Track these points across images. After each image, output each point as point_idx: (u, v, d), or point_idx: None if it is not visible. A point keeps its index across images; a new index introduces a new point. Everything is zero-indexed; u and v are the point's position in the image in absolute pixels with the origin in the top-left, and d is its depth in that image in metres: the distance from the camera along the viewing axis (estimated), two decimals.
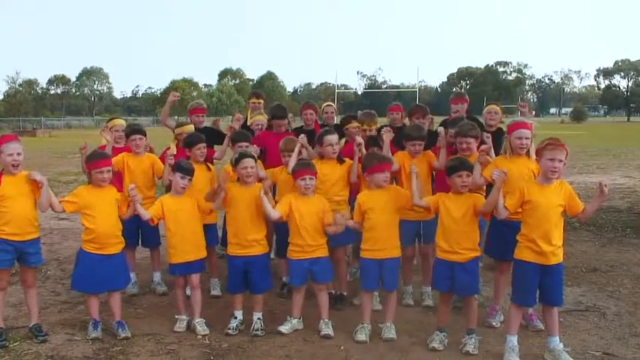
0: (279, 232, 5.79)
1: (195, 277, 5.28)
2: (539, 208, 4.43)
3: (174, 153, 5.98)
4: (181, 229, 5.19)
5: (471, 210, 4.73)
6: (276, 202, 5.23)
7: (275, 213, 5.04)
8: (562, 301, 4.71)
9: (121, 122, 6.74)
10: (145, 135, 6.21)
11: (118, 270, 5.11)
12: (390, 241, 4.98)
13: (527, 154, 5.02)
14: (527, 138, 5.00)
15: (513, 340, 4.56)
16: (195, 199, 5.27)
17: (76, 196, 5.03)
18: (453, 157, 5.11)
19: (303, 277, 5.19)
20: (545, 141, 4.49)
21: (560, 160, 4.40)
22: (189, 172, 5.22)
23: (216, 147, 6.64)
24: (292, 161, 5.47)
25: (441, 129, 5.91)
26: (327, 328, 5.08)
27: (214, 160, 6.44)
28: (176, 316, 5.31)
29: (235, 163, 5.13)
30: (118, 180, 5.67)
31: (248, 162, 5.11)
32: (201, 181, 5.65)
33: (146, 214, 5.10)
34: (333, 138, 5.59)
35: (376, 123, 6.29)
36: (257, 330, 5.10)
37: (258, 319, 5.18)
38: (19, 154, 4.85)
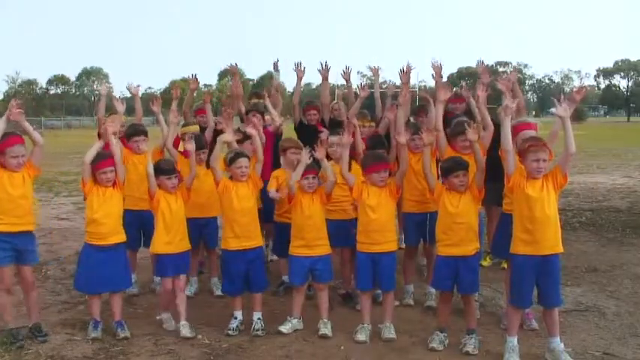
0: (280, 232, 5.81)
1: (183, 278, 5.30)
2: (529, 199, 4.38)
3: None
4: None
5: (470, 203, 4.73)
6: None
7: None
8: (561, 300, 4.69)
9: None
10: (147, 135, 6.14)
11: (120, 271, 5.11)
12: (385, 235, 4.99)
13: None
14: None
15: (513, 340, 4.55)
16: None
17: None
18: (447, 158, 5.08)
19: (303, 276, 5.19)
20: (525, 142, 4.47)
21: (545, 160, 4.37)
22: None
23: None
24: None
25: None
26: (324, 328, 5.07)
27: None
28: (158, 317, 5.20)
29: (230, 162, 5.12)
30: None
31: (243, 161, 5.11)
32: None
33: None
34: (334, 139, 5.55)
35: (370, 120, 6.26)
36: (257, 330, 5.10)
37: (259, 319, 5.17)
38: (22, 155, 4.93)
